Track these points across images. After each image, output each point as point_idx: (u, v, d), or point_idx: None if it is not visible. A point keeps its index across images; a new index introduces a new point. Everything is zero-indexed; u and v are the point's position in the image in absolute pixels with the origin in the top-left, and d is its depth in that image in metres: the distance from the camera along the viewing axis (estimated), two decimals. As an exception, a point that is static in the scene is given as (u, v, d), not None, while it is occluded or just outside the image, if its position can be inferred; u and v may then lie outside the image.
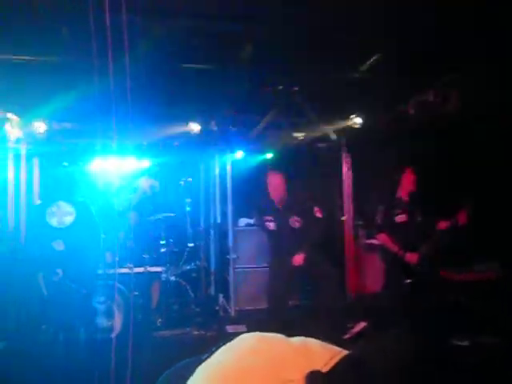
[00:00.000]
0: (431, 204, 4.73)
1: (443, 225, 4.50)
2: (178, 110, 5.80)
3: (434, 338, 4.22)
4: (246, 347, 0.52)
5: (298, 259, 4.29)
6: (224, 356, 0.51)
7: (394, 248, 4.51)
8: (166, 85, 5.00)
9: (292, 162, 4.77)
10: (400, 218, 4.57)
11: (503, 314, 4.38)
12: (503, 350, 4.12)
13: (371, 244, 6.27)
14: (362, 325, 3.21)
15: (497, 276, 5.08)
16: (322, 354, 0.51)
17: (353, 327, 3.28)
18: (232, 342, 0.53)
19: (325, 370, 0.49)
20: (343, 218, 6.87)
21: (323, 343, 0.54)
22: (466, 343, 4.65)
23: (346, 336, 3.42)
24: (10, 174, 5.66)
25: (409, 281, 4.38)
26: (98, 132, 5.48)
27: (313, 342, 0.54)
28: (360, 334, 3.00)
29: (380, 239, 4.70)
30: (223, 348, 0.53)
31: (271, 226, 4.49)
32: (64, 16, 3.64)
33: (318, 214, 4.41)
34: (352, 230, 6.78)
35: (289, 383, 0.46)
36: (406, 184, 4.67)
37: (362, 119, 5.85)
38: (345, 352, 0.53)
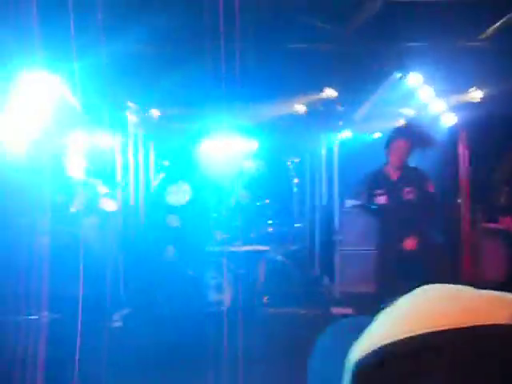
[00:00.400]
0: None
1: None
2: (284, 91, 5.80)
3: None
4: (435, 293, 0.48)
5: (411, 243, 4.01)
6: (412, 302, 0.48)
7: (522, 233, 4.10)
8: (272, 65, 5.02)
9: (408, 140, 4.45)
10: None
11: None
12: None
13: (492, 228, 5.78)
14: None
15: None
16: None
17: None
18: (410, 293, 0.49)
19: None
20: (459, 201, 6.41)
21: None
22: None
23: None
24: (130, 157, 6.12)
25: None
26: (207, 115, 5.73)
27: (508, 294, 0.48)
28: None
29: (504, 223, 4.30)
30: (403, 299, 0.49)
31: (382, 199, 4.21)
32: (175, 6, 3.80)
33: (431, 189, 4.08)
34: (469, 213, 6.29)
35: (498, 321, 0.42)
36: None
37: (483, 93, 5.35)
38: None
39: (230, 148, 6.84)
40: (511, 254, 4.31)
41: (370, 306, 4.71)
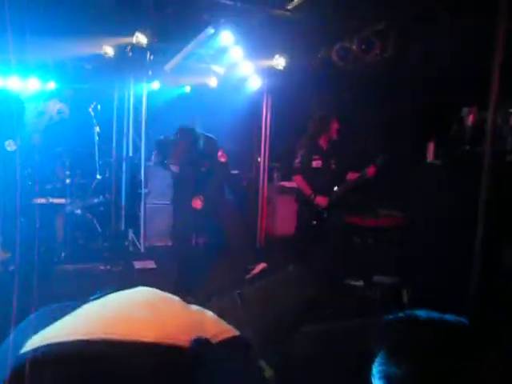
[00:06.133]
0: (346, 154, 4.87)
1: (353, 176, 4.71)
2: (91, 29, 5.22)
3: (332, 279, 4.48)
4: (140, 298, 0.49)
5: (196, 203, 4.24)
6: (115, 301, 0.48)
7: (307, 191, 4.65)
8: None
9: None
10: (316, 163, 4.69)
11: (401, 256, 4.71)
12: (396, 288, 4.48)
13: (285, 186, 6.39)
14: (261, 266, 3.28)
15: (397, 222, 5.43)
16: (214, 326, 0.51)
17: (253, 269, 3.34)
18: (127, 290, 0.51)
19: (213, 340, 0.49)
20: (259, 160, 6.87)
21: (218, 318, 0.54)
22: (360, 283, 5.01)
23: (248, 277, 3.50)
24: None
25: (315, 222, 4.56)
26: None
27: (209, 314, 0.54)
28: (259, 275, 3.07)
29: (295, 181, 4.82)
30: (115, 294, 0.50)
31: (176, 168, 4.35)
32: None
33: (222, 159, 4.34)
34: (267, 171, 6.82)
35: (175, 341, 0.44)
36: (329, 132, 4.75)
37: (286, 60, 5.69)
38: (234, 332, 0.53)
39: (24, 88, 6.02)
40: (299, 210, 4.84)
41: (172, 259, 4.80)
